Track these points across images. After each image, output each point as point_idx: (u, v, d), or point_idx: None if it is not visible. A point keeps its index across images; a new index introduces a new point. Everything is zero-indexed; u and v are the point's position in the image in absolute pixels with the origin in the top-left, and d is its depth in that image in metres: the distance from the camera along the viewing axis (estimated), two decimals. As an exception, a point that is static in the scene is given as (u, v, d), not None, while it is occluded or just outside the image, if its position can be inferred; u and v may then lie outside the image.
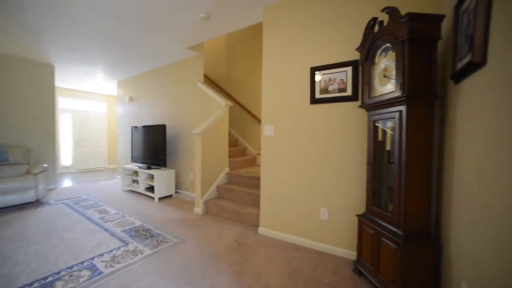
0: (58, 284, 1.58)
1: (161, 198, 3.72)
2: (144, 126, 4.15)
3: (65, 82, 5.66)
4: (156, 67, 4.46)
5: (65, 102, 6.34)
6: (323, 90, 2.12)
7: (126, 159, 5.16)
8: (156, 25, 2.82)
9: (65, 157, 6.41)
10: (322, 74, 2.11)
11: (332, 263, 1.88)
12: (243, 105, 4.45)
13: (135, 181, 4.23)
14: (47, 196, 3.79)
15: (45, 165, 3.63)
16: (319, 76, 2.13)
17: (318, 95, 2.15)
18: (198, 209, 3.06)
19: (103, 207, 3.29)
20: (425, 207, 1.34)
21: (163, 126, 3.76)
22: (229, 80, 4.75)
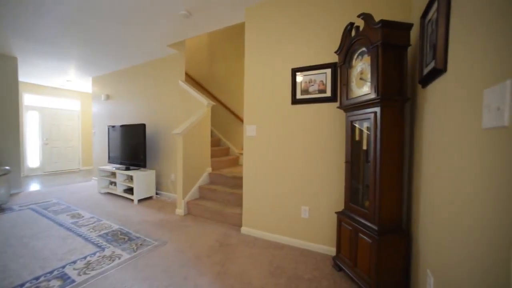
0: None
1: (140, 200, 3.58)
2: (123, 126, 3.97)
3: (31, 77, 5.24)
4: (135, 64, 4.28)
5: (31, 99, 5.86)
6: (304, 91, 2.17)
7: (103, 160, 4.90)
8: (135, 20, 2.71)
9: (32, 158, 5.93)
10: (303, 75, 2.17)
11: (313, 259, 1.93)
12: (225, 105, 4.42)
13: (112, 183, 4.03)
14: (9, 201, 3.49)
15: (7, 167, 3.33)
16: (300, 77, 2.18)
17: (299, 95, 2.20)
18: (180, 210, 2.99)
19: (76, 211, 3.10)
20: (397, 203, 1.43)
21: (142, 126, 3.62)
22: (212, 79, 4.69)
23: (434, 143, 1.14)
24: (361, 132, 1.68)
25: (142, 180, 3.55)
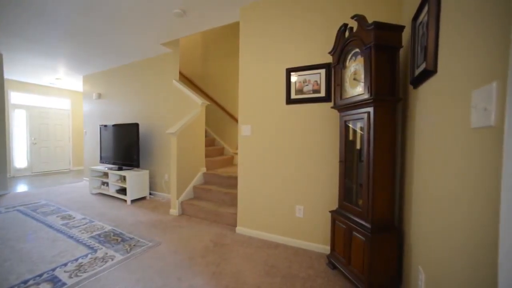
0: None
1: (134, 201, 3.53)
2: (115, 125, 3.90)
3: (18, 74, 5.08)
4: (128, 62, 4.21)
5: (18, 97, 5.68)
6: (298, 91, 2.19)
7: (94, 160, 4.80)
8: (128, 17, 2.67)
9: (20, 159, 5.75)
10: (298, 75, 2.18)
11: (308, 258, 1.95)
12: (220, 104, 4.40)
13: (104, 183, 3.95)
14: (-2, 202, 3.38)
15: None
16: (294, 77, 2.19)
17: (293, 95, 2.21)
18: (174, 211, 2.96)
19: (67, 212, 3.03)
20: (390, 201, 1.46)
21: (135, 125, 3.57)
22: (206, 78, 4.66)
23: (425, 142, 1.17)
24: (355, 131, 1.71)
25: (135, 180, 3.50)
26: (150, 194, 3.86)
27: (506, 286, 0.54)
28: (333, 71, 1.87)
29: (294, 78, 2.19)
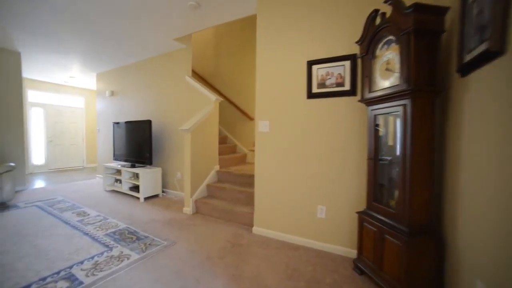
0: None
1: (147, 198, 3.50)
2: (127, 122, 3.89)
3: (35, 73, 5.17)
4: (141, 59, 4.19)
5: (35, 95, 5.81)
6: (320, 85, 2.06)
7: (108, 157, 4.83)
8: (141, 12, 2.62)
9: (37, 156, 5.88)
10: (320, 68, 2.06)
11: (331, 261, 1.84)
12: (232, 101, 4.32)
13: (118, 181, 3.96)
14: (14, 198, 3.43)
15: (12, 164, 3.26)
16: (316, 70, 2.07)
17: (315, 89, 2.09)
18: (188, 209, 2.90)
19: (82, 209, 3.03)
20: (429, 202, 1.33)
21: (148, 122, 3.54)
22: (217, 75, 4.59)
23: (478, 139, 1.03)
24: (386, 126, 1.57)
25: (148, 177, 3.47)
26: (163, 192, 3.83)
27: None
28: (361, 62, 1.74)
29: (315, 71, 2.07)
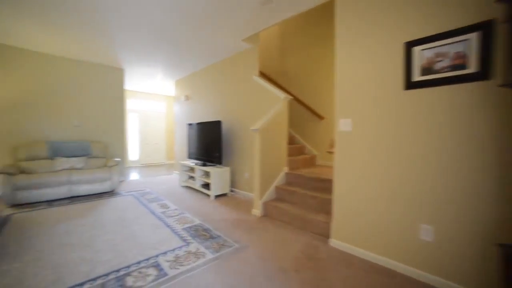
0: (129, 280, 1.57)
1: (217, 196, 3.66)
2: (199, 123, 4.18)
3: (131, 84, 6.25)
4: (211, 63, 4.45)
5: (130, 103, 7.05)
6: (426, 70, 1.61)
7: (183, 155, 5.37)
8: (212, 17, 2.69)
9: (132, 153, 7.13)
10: (425, 49, 1.60)
11: (447, 302, 1.38)
12: (300, 100, 4.08)
13: (191, 177, 4.31)
14: (118, 187, 4.16)
15: (118, 159, 3.97)
16: (418, 53, 1.62)
17: (417, 77, 1.64)
18: (257, 211, 2.84)
19: (163, 201, 3.39)
20: None
21: (218, 122, 3.69)
22: (284, 74, 4.43)
23: None
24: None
25: (218, 176, 3.62)
26: (231, 191, 3.94)
27: None
28: (506, 30, 1.23)
29: (418, 53, 1.63)
